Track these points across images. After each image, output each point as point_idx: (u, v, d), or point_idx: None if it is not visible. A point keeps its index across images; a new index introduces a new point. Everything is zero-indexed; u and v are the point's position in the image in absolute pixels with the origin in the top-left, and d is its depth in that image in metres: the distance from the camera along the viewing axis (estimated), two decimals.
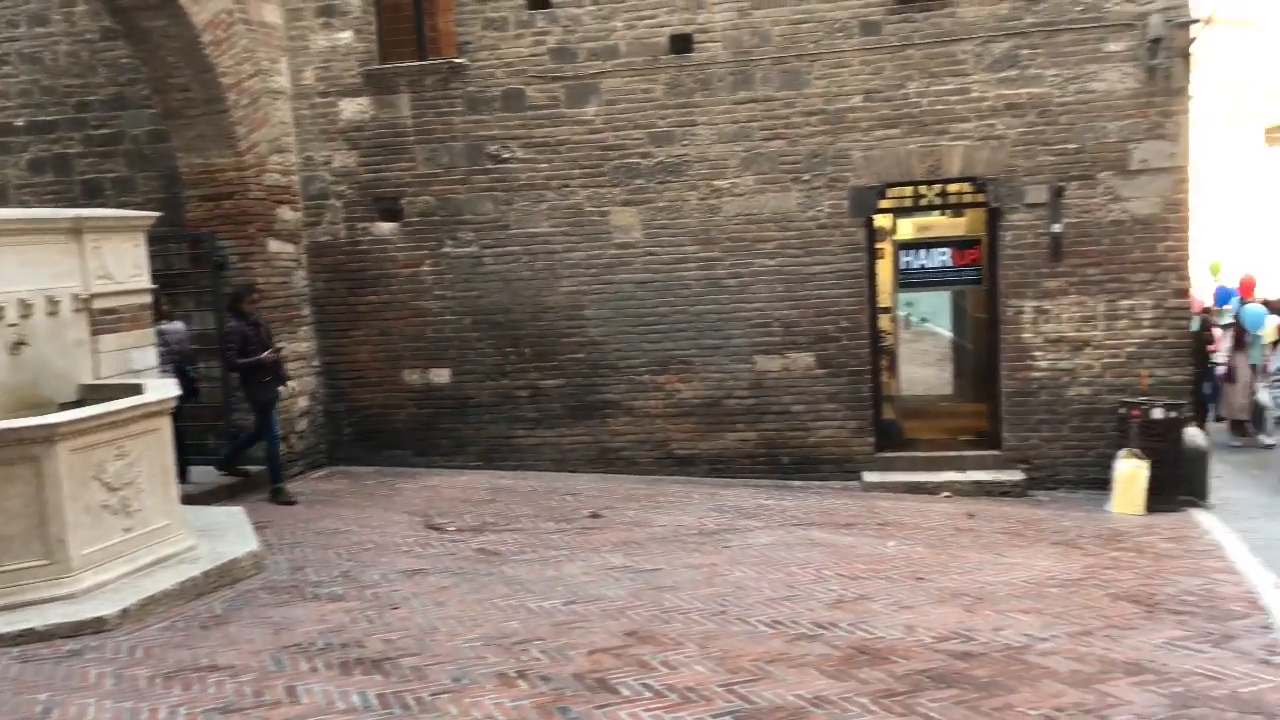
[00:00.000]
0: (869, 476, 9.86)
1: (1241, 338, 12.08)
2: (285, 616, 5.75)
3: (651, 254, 10.12)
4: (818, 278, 9.92)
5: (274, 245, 10.14)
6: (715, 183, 9.95)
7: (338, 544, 7.47)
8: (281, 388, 9.12)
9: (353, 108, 10.46)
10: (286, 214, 10.35)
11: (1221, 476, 10.02)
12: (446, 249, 10.46)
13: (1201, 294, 12.64)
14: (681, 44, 9.88)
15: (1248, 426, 12.06)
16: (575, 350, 10.32)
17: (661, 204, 10.05)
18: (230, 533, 7.10)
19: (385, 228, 10.58)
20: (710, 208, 9.99)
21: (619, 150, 10.06)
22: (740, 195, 9.93)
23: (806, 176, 9.81)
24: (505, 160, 10.26)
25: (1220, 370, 12.16)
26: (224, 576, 6.36)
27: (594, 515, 8.40)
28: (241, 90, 9.67)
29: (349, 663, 4.97)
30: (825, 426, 10.05)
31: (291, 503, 8.81)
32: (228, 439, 9.61)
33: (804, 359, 10.01)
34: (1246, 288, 13.06)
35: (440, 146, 10.36)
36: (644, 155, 10.02)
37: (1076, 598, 6.10)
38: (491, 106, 10.23)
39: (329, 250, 10.66)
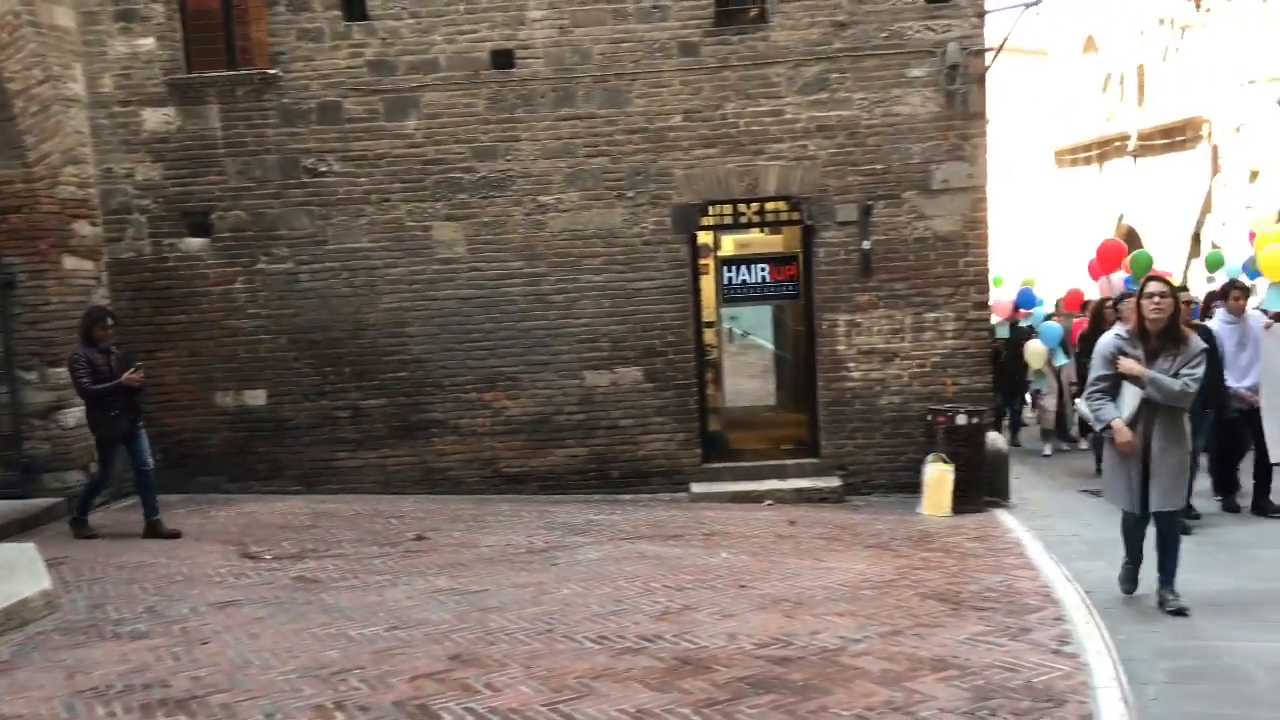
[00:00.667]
0: (696, 488, 10.03)
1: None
2: (81, 658, 5.38)
3: (476, 269, 10.03)
4: (644, 293, 10.04)
5: (70, 262, 9.51)
6: (540, 198, 9.95)
7: (143, 578, 7.04)
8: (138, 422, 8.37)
9: (157, 118, 9.95)
10: (84, 229, 9.73)
11: (1020, 477, 10.68)
12: (260, 265, 10.07)
13: (1008, 303, 13.28)
14: (503, 60, 9.84)
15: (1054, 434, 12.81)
16: (398, 368, 10.10)
17: (486, 219, 9.98)
18: (20, 571, 6.59)
19: (194, 243, 10.09)
20: (535, 223, 9.98)
21: (441, 165, 9.93)
22: (566, 211, 9.96)
23: (630, 193, 9.93)
24: (322, 174, 9.97)
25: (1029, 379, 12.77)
26: (11, 619, 5.90)
27: (419, 538, 8.23)
28: (30, 97, 9.04)
29: (151, 704, 4.69)
30: (654, 440, 10.17)
31: (93, 536, 8.25)
32: (18, 470, 8.93)
33: (632, 373, 10.11)
34: (1072, 301, 13.81)
35: (253, 159, 9.98)
36: (467, 170, 9.93)
37: (889, 598, 6.36)
38: (307, 119, 9.92)
39: (133, 267, 10.08)
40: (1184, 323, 6.06)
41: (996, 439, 9.95)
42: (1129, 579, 6.47)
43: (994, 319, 12.46)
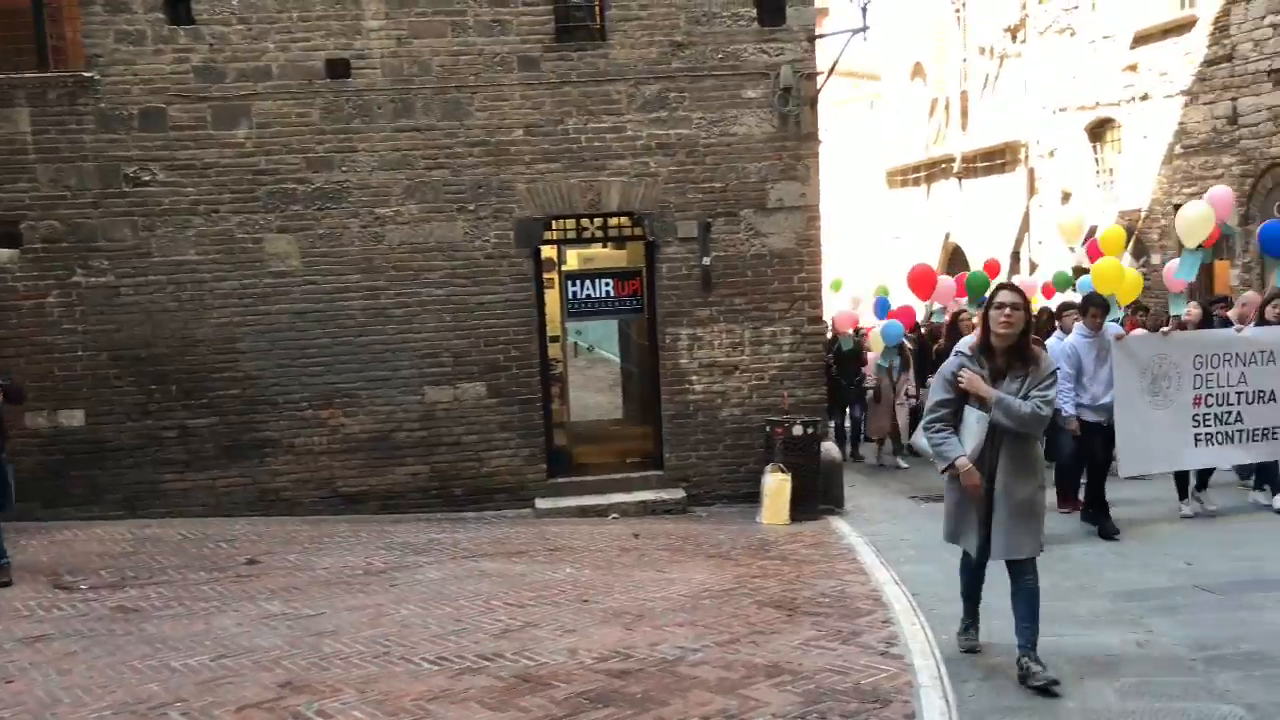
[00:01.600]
0: (542, 503, 9.99)
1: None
2: None
3: (311, 283, 9.74)
4: (487, 307, 9.95)
5: None
6: (378, 210, 9.74)
7: None
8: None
9: None
10: None
11: (855, 485, 11.06)
12: (77, 279, 9.51)
13: (845, 314, 13.24)
14: (339, 69, 9.60)
15: (884, 445, 12.80)
16: (229, 386, 9.69)
17: (321, 231, 9.70)
18: None
19: (2, 255, 9.45)
20: (374, 235, 9.76)
21: (273, 175, 9.61)
22: (405, 224, 9.79)
23: (472, 206, 9.84)
24: (145, 183, 9.50)
25: (869, 389, 12.55)
26: None
27: (251, 561, 7.91)
28: None
29: None
30: (498, 456, 10.08)
31: None
32: None
33: (475, 389, 10.00)
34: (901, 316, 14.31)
35: (68, 166, 9.42)
36: (301, 181, 9.64)
37: (727, 607, 6.49)
38: (128, 125, 9.44)
39: None
40: (1035, 340, 5.38)
41: (831, 448, 10.28)
42: (967, 632, 5.66)
43: (846, 330, 12.68)
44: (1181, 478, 8.75)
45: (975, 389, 5.05)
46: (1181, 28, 15.00)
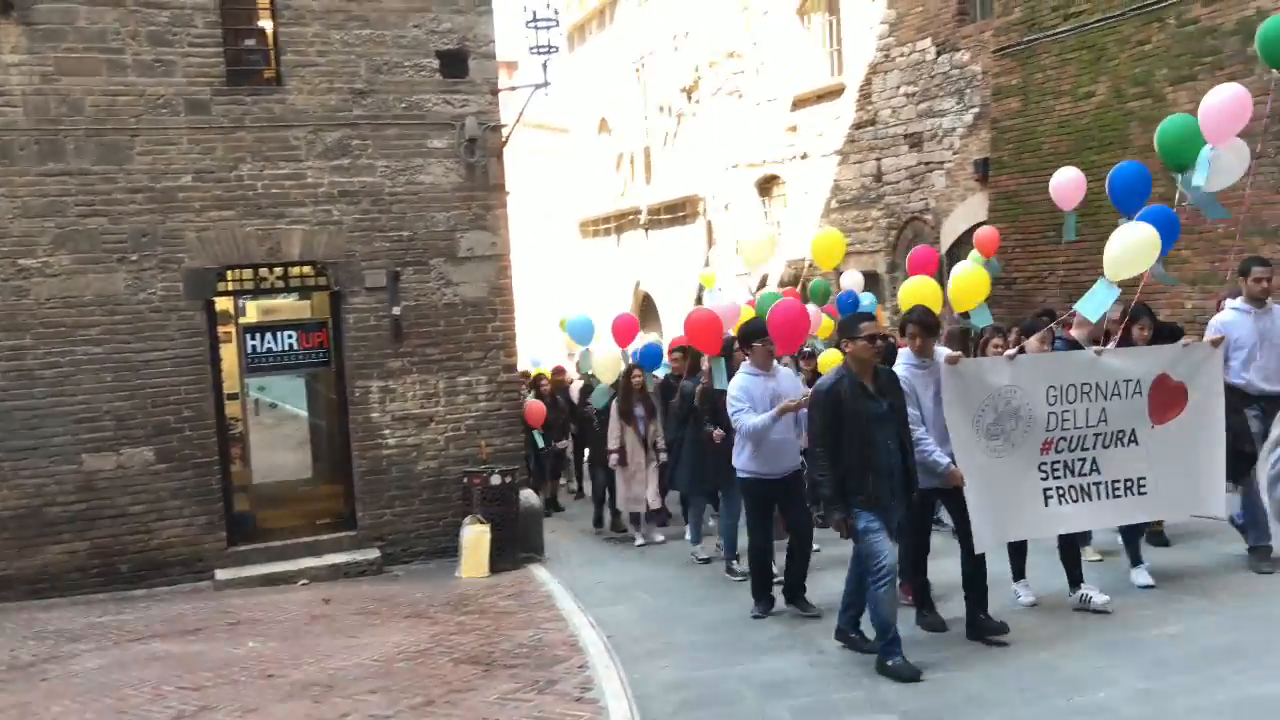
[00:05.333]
0: (222, 574, 9.28)
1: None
2: None
3: None
4: (154, 365, 9.20)
5: None
6: (22, 261, 8.79)
7: None
8: None
9: None
10: None
11: (555, 531, 11.16)
12: None
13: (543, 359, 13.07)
14: None
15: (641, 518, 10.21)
16: None
17: None
18: None
19: None
20: (17, 290, 8.78)
21: None
22: (55, 276, 8.88)
23: (135, 257, 9.09)
24: None
25: (613, 457, 9.95)
26: None
27: None
28: None
29: None
30: (170, 526, 9.28)
31: None
32: None
33: (142, 454, 9.18)
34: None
35: None
36: None
37: (423, 669, 6.30)
38: None
39: None
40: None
41: (530, 496, 10.32)
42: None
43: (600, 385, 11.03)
44: (1069, 554, 6.50)
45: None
46: (832, 94, 16.56)
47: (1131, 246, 6.49)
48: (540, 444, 12.23)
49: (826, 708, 5.15)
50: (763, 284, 14.46)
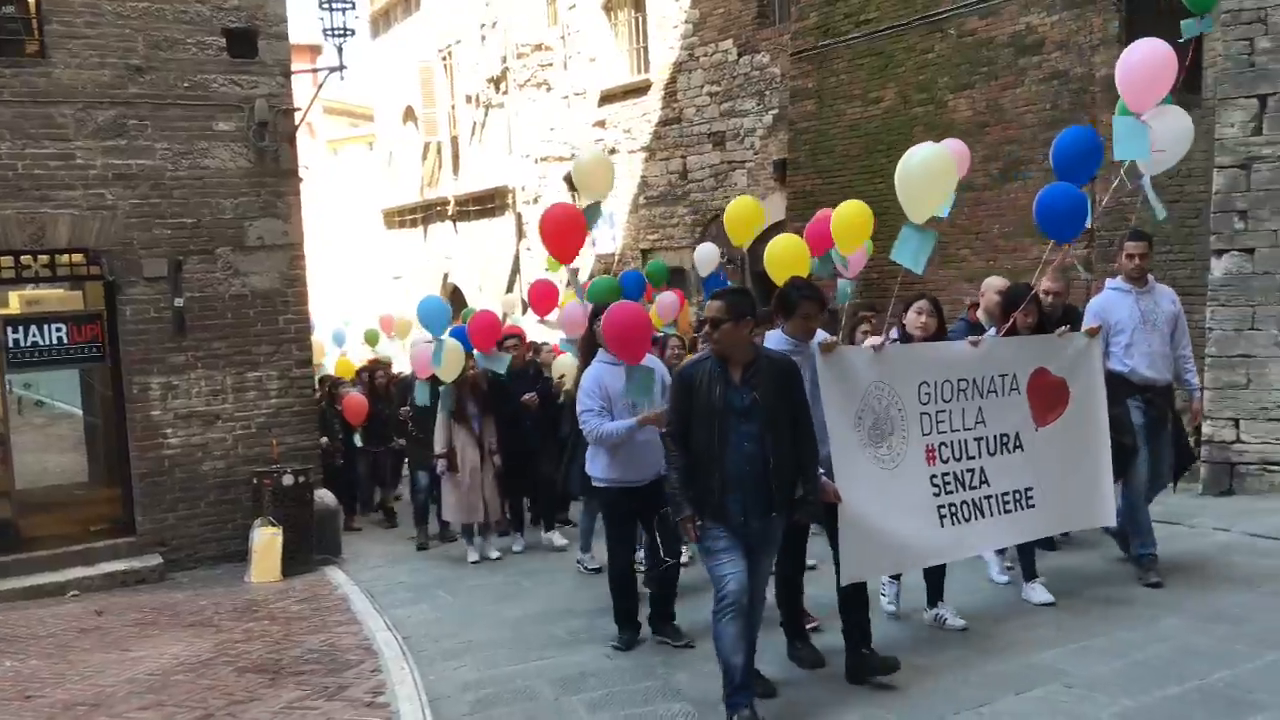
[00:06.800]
0: None
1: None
2: None
3: None
4: None
5: None
6: None
7: None
8: None
9: None
10: None
11: (362, 529, 10.82)
12: None
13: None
14: None
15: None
16: None
17: None
18: None
19: None
20: None
21: None
22: None
23: None
24: None
25: (440, 462, 8.71)
26: None
27: None
28: None
29: None
30: None
31: None
32: None
33: None
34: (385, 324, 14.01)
35: None
36: None
37: (203, 680, 5.96)
38: None
39: None
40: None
41: (325, 495, 9.93)
42: None
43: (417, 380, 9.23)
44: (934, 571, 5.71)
45: None
46: (639, 90, 16.73)
47: (916, 176, 5.75)
48: (359, 443, 10.98)
49: (622, 698, 5.16)
50: (573, 278, 14.43)
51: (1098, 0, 10.27)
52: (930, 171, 5.81)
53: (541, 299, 10.32)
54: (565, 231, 7.64)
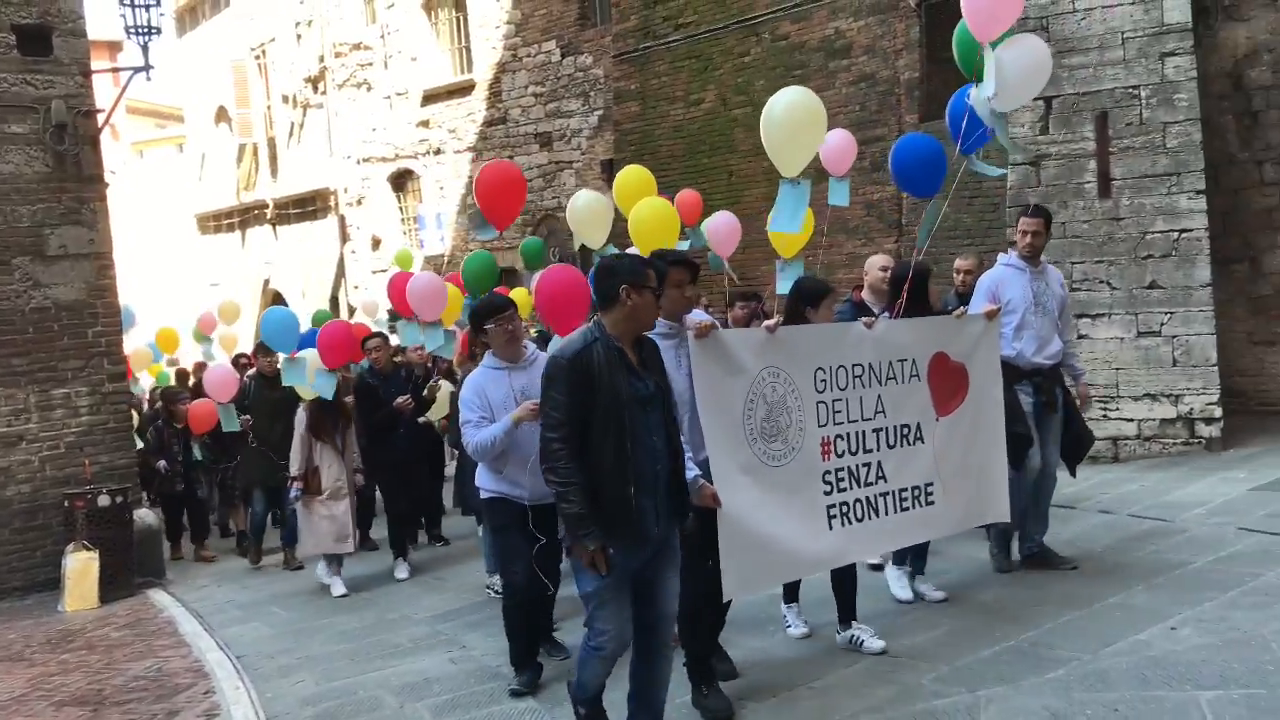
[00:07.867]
0: None
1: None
2: None
3: None
4: None
5: None
6: None
7: None
8: None
9: None
10: None
11: (217, 559, 10.27)
12: None
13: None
14: None
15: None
16: None
17: None
18: None
19: None
20: None
21: None
22: None
23: None
24: None
25: (295, 486, 7.80)
26: None
27: None
28: None
29: None
30: None
31: None
32: None
33: None
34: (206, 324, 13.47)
35: None
36: None
37: (17, 719, 5.61)
38: None
39: None
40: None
41: (146, 514, 9.47)
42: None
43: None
44: (844, 578, 5.16)
45: None
46: (463, 91, 16.62)
47: (781, 125, 5.60)
48: (200, 456, 10.23)
49: (467, 701, 5.16)
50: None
51: (900, 6, 10.86)
52: (794, 119, 5.63)
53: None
54: (503, 193, 6.88)
